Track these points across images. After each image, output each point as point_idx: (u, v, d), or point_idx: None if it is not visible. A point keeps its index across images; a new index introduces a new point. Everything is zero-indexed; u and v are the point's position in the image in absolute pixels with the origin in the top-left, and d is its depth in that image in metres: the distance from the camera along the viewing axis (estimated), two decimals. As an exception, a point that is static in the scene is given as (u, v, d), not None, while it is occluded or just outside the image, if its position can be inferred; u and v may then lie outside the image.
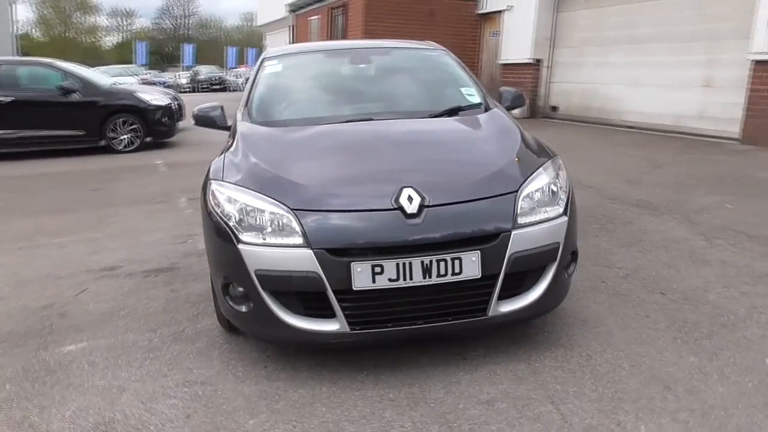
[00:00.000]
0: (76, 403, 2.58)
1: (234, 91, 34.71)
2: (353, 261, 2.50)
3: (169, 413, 2.49)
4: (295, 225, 2.56)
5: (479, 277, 2.58)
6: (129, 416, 2.48)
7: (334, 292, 2.52)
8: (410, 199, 2.59)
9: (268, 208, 2.63)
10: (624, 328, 3.09)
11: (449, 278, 2.55)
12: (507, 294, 2.67)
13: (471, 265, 2.56)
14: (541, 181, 2.84)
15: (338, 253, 2.51)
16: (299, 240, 2.54)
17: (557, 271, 2.77)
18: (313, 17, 17.70)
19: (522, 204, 2.71)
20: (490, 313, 2.64)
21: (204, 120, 3.74)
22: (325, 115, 3.53)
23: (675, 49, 9.93)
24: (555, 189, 2.84)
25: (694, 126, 9.41)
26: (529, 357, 2.83)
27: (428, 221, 2.56)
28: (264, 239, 2.59)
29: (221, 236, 2.70)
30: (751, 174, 6.64)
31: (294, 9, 20.02)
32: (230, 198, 2.75)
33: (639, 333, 3.04)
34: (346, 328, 2.56)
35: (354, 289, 2.51)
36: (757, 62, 8.09)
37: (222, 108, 3.74)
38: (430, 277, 2.53)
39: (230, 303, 2.74)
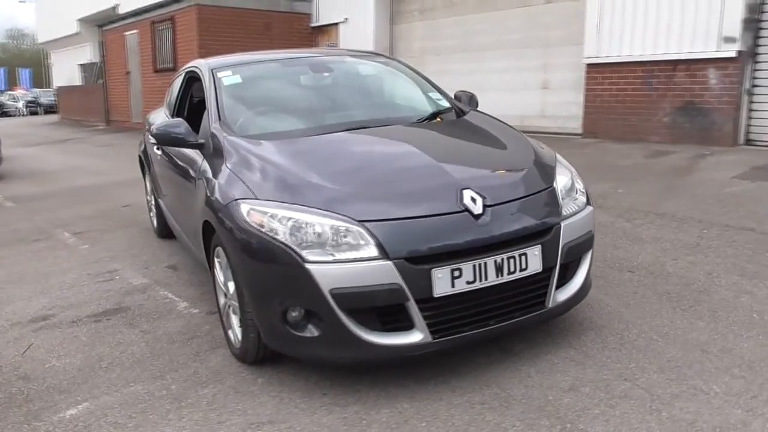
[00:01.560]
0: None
1: (23, 116, 31.04)
2: (434, 267, 2.43)
3: (262, 461, 2.21)
4: (366, 237, 2.42)
5: (540, 270, 2.64)
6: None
7: (416, 301, 2.43)
8: (473, 200, 2.58)
9: (329, 222, 2.45)
10: (626, 306, 3.35)
11: (517, 275, 2.58)
12: (559, 284, 2.77)
13: (534, 259, 2.62)
14: (564, 174, 2.99)
15: (417, 261, 2.42)
16: (374, 252, 2.40)
17: (592, 258, 2.93)
18: (129, 32, 16.45)
19: (560, 197, 2.83)
20: (549, 304, 2.72)
21: (169, 139, 3.34)
22: (316, 125, 3.36)
23: (512, 56, 10.89)
24: (575, 180, 3.01)
25: (537, 124, 10.39)
26: (571, 344, 2.95)
27: (493, 220, 2.57)
28: (333, 256, 2.41)
29: (277, 259, 2.45)
30: (614, 162, 7.52)
31: (102, 24, 18.44)
32: (278, 216, 2.51)
33: (642, 308, 3.32)
34: (429, 338, 2.47)
35: (434, 296, 2.44)
36: (589, 65, 9.19)
37: (185, 123, 3.37)
38: (502, 275, 2.54)
39: (292, 330, 2.50)
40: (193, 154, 3.39)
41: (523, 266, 2.59)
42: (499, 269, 2.53)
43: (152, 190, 5.15)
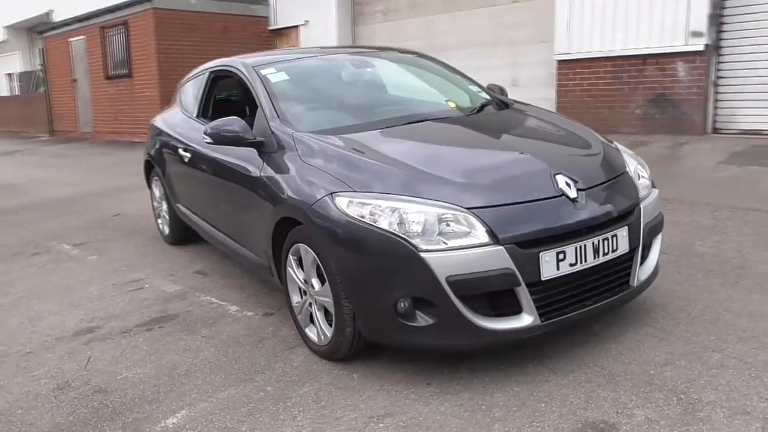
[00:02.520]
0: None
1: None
2: (541, 251, 2.47)
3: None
4: (477, 224, 2.44)
5: (627, 251, 2.73)
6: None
7: (526, 285, 2.47)
8: (568, 184, 2.64)
9: (437, 210, 2.46)
10: (678, 284, 3.49)
11: (610, 255, 2.66)
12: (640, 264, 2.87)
13: (623, 240, 2.70)
14: (630, 159, 3.10)
15: (526, 246, 2.46)
16: (484, 238, 2.43)
17: (660, 239, 3.05)
18: (75, 38, 15.79)
19: (635, 180, 2.94)
20: (634, 283, 2.81)
21: (227, 138, 3.25)
22: (378, 119, 3.35)
23: (479, 55, 11.08)
24: (640, 165, 3.13)
25: (509, 122, 10.62)
26: (645, 322, 3.05)
27: (588, 203, 2.64)
28: (446, 244, 2.42)
29: (388, 250, 2.45)
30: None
31: (43, 30, 17.63)
32: (382, 207, 2.50)
33: (694, 286, 3.46)
34: (538, 321, 2.51)
35: (542, 279, 2.48)
36: (560, 61, 9.48)
37: (242, 121, 3.30)
38: (598, 257, 2.62)
39: (403, 320, 2.49)
40: (248, 153, 3.32)
41: (615, 247, 2.67)
42: (596, 251, 2.60)
43: (163, 197, 4.99)
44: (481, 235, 2.42)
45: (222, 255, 4.61)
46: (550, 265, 2.48)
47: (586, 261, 2.58)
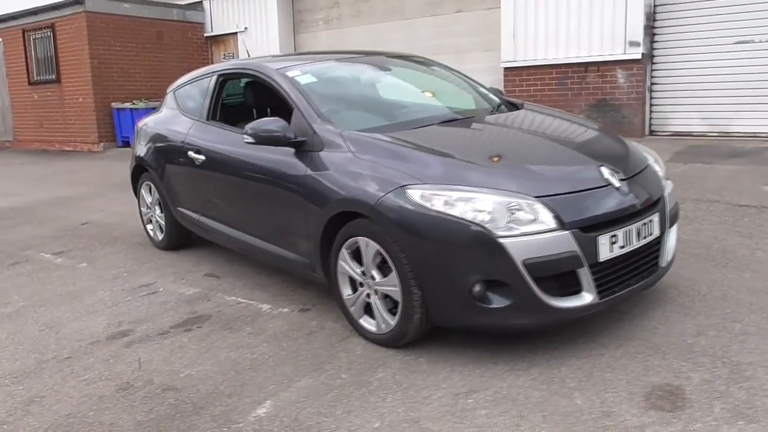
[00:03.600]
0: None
1: None
2: (599, 235, 2.73)
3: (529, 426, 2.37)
4: (544, 211, 2.66)
5: (658, 234, 3.05)
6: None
7: (588, 266, 2.71)
8: (612, 175, 2.92)
9: (508, 200, 2.66)
10: (679, 268, 3.83)
11: (647, 239, 2.96)
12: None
13: (655, 225, 3.01)
14: (647, 153, 3.43)
15: (586, 230, 2.71)
16: (552, 224, 2.65)
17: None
18: (-10, 41, 14.87)
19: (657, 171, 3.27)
20: (663, 264, 3.13)
21: (269, 138, 3.33)
22: (413, 119, 3.52)
23: (424, 63, 11.44)
24: (656, 159, 3.47)
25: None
26: (665, 300, 3.37)
27: (630, 192, 2.93)
28: (519, 229, 2.63)
29: (466, 238, 2.63)
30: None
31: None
32: (456, 198, 2.68)
33: (691, 269, 3.84)
34: (597, 299, 2.76)
35: (599, 261, 2.74)
36: (507, 69, 9.97)
37: (283, 120, 3.38)
38: (639, 240, 2.91)
39: (479, 303, 2.67)
40: (284, 153, 3.39)
41: (650, 231, 2.97)
42: (638, 234, 2.89)
43: (156, 202, 4.91)
44: (548, 221, 2.65)
45: (228, 257, 4.61)
46: (605, 248, 2.74)
47: (631, 244, 2.85)
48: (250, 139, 3.33)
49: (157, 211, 4.95)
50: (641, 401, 2.43)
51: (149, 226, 5.19)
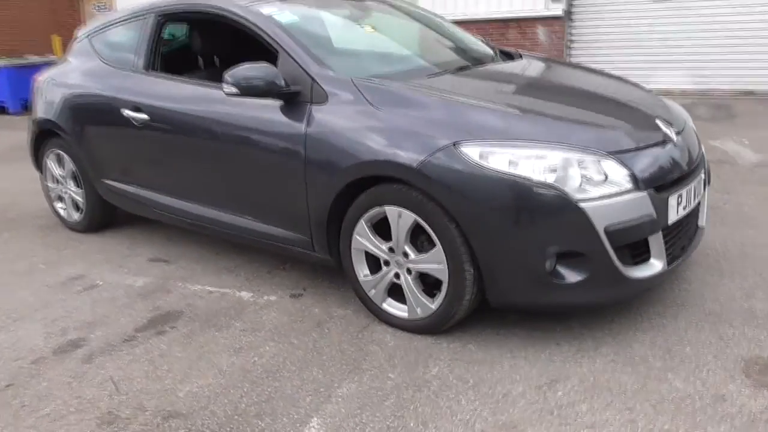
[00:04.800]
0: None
1: None
2: (669, 195, 2.42)
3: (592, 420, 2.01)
4: (621, 169, 2.30)
5: (702, 193, 2.80)
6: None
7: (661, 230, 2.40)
8: (668, 128, 2.61)
9: (579, 156, 2.27)
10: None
11: (697, 199, 2.70)
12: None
13: (702, 184, 2.76)
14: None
15: (659, 190, 2.39)
16: (628, 184, 2.30)
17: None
18: None
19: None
20: (702, 224, 2.90)
21: (258, 88, 2.68)
22: (426, 65, 3.04)
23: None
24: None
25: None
26: (694, 263, 3.17)
27: (685, 147, 2.64)
28: (596, 191, 2.25)
29: (540, 203, 2.21)
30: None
31: None
32: (527, 156, 2.25)
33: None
34: (666, 266, 2.46)
35: (669, 224, 2.44)
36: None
37: (273, 67, 2.74)
38: (695, 199, 2.64)
39: (552, 279, 2.27)
40: (269, 107, 2.78)
41: (699, 190, 2.71)
42: (695, 194, 2.62)
43: (70, 174, 4.03)
44: (624, 181, 2.28)
45: (169, 237, 3.89)
46: (673, 210, 2.44)
47: (690, 204, 2.58)
48: (232, 89, 2.67)
49: (72, 185, 4.07)
50: (744, 379, 2.17)
51: (59, 204, 4.28)
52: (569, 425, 1.96)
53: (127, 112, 3.40)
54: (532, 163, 2.23)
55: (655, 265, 2.42)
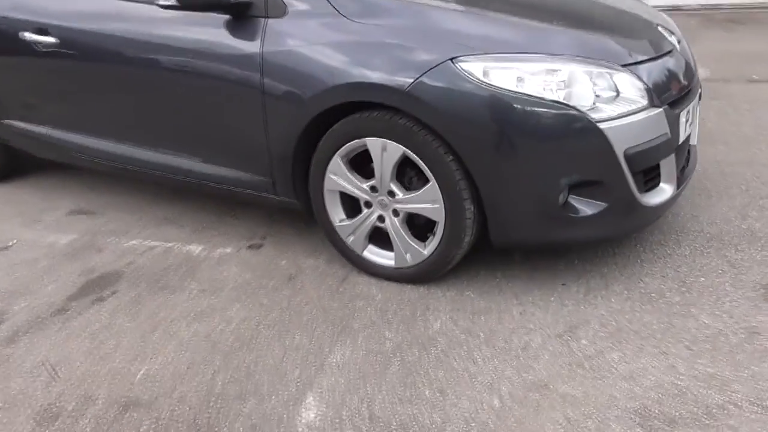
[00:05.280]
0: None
1: None
2: (681, 112, 2.18)
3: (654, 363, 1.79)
4: (636, 83, 2.01)
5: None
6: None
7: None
8: (671, 36, 2.35)
9: (593, 69, 1.95)
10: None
11: (698, 117, 2.48)
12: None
13: (698, 99, 2.54)
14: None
15: (672, 106, 2.14)
16: (644, 100, 2.02)
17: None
18: None
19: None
20: (695, 142, 2.69)
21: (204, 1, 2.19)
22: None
23: None
24: None
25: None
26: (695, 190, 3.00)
27: (687, 59, 2.39)
28: (614, 110, 1.96)
29: (555, 125, 1.90)
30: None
31: None
32: (535, 71, 1.92)
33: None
34: (676, 190, 2.23)
35: (679, 143, 2.21)
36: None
37: None
38: (697, 116, 2.43)
39: (568, 214, 2.00)
40: (216, 26, 2.30)
41: (697, 106, 2.49)
42: (696, 110, 2.40)
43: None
44: (638, 96, 2.00)
45: (89, 184, 3.38)
46: (683, 127, 2.20)
47: (694, 121, 2.36)
48: (171, 1, 2.16)
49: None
50: (769, 307, 2.01)
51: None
52: (605, 378, 1.73)
53: (28, 36, 2.78)
54: (543, 78, 1.90)
55: (666, 190, 2.18)
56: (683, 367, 1.76)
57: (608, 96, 1.94)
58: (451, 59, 1.91)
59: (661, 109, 2.03)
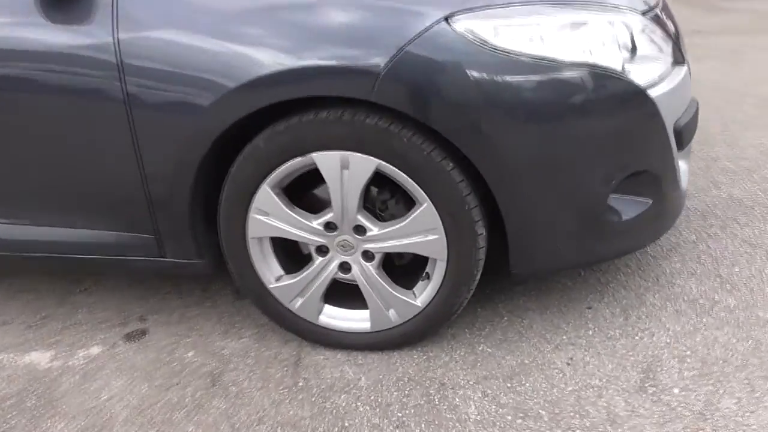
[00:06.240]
0: None
1: None
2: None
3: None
4: (662, 36, 1.54)
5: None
6: None
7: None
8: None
9: (629, 19, 1.44)
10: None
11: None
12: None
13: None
14: None
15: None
16: (669, 57, 1.56)
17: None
18: None
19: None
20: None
21: None
22: None
23: None
24: None
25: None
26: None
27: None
28: (652, 71, 1.45)
29: (603, 99, 1.36)
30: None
31: None
32: (559, 25, 1.34)
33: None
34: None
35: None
36: None
37: None
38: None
39: (608, 219, 1.46)
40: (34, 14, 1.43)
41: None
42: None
43: None
44: (664, 52, 1.52)
45: None
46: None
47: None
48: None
49: None
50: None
51: None
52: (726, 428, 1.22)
53: None
54: (569, 35, 1.32)
55: (685, 169, 1.74)
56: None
57: (645, 54, 1.42)
58: (446, 18, 1.26)
59: (686, 67, 1.57)
